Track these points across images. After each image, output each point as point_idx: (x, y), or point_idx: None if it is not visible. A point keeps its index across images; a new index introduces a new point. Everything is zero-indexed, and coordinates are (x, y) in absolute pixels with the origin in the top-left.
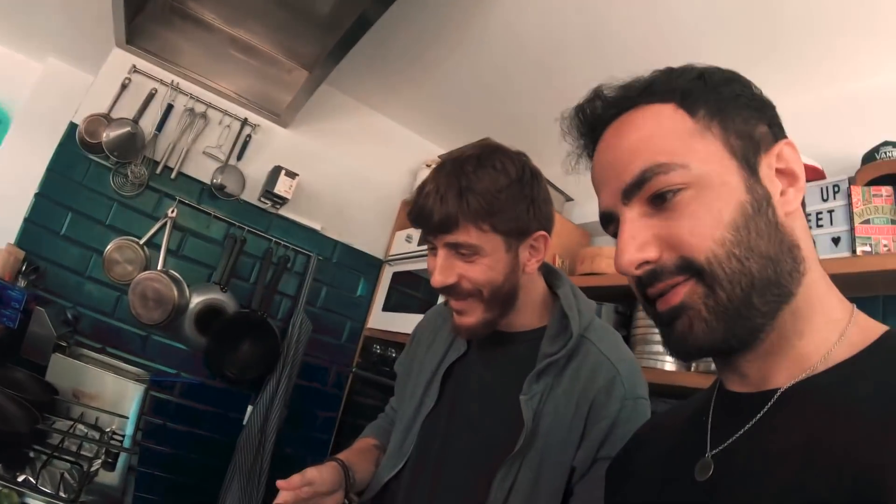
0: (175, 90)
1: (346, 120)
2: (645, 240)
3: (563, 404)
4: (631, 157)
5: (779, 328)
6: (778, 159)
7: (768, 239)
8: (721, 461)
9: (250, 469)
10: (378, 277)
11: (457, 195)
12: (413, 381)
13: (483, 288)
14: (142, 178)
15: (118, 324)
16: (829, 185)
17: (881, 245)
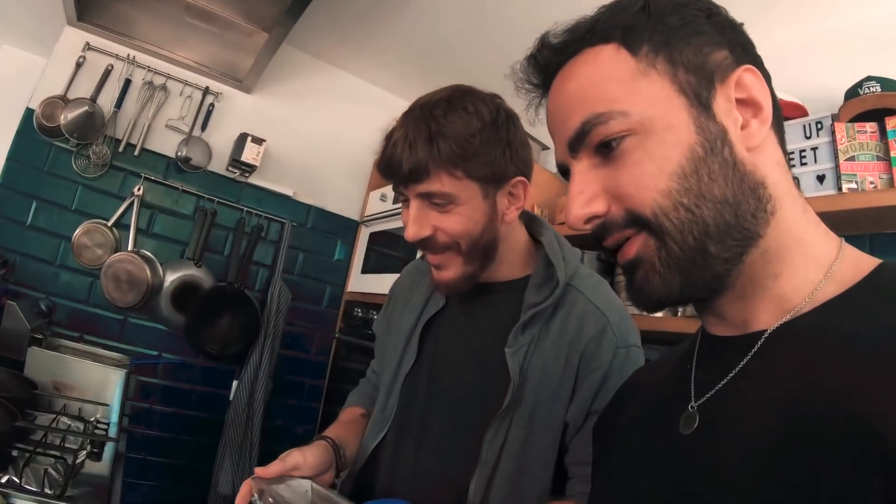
0: (132, 64)
1: (311, 81)
2: (593, 193)
3: (552, 356)
4: (571, 109)
5: (749, 271)
6: (737, 88)
7: (724, 181)
8: (706, 412)
9: (241, 444)
10: (355, 240)
11: (426, 141)
12: (392, 341)
13: (460, 240)
14: (105, 158)
15: (94, 310)
16: (811, 122)
17: (867, 182)
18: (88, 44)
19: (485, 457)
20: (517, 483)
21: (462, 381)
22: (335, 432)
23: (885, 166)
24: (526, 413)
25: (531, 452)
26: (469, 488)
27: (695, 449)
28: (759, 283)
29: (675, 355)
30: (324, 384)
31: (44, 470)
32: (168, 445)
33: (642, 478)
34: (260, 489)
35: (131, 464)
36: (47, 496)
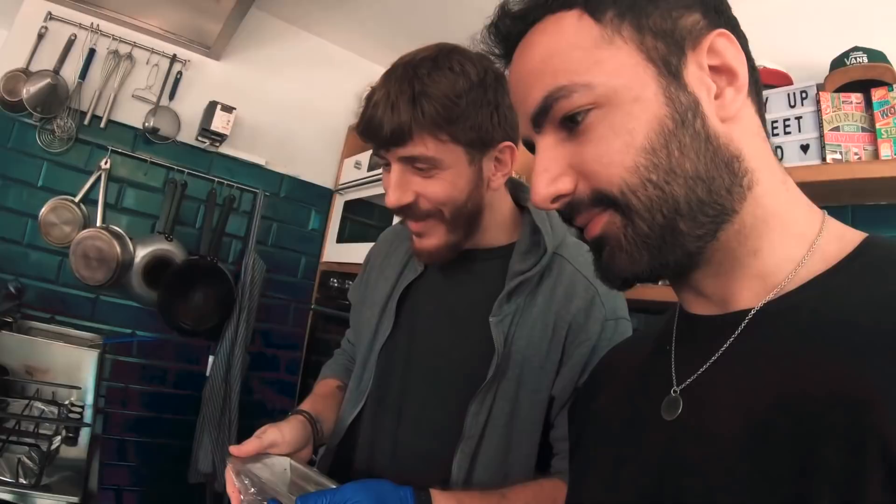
0: (96, 33)
1: (282, 46)
2: (558, 171)
3: (538, 327)
4: (532, 82)
5: (725, 248)
6: (710, 55)
7: (696, 155)
8: (690, 397)
9: (219, 420)
10: (329, 208)
11: (409, 102)
12: (368, 310)
13: (443, 207)
14: (70, 132)
15: (64, 290)
16: (796, 90)
17: (851, 153)
18: (50, 13)
19: (468, 431)
20: (502, 458)
21: (442, 352)
22: (311, 406)
23: (869, 138)
24: (511, 386)
25: (516, 426)
26: (452, 464)
27: (679, 435)
28: (738, 260)
29: (650, 335)
30: (301, 357)
31: (17, 459)
32: (146, 425)
33: (625, 466)
34: (236, 470)
35: (109, 445)
36: (22, 486)
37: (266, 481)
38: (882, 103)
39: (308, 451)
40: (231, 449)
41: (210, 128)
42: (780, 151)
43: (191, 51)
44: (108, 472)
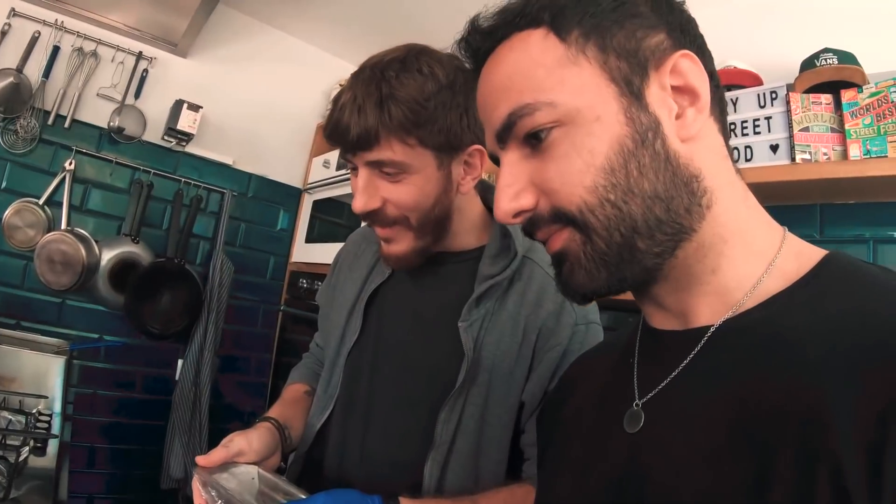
0: (60, 30)
1: (250, 43)
2: (521, 186)
3: (508, 331)
4: (498, 99)
5: (683, 265)
6: (673, 75)
7: (655, 175)
8: (651, 410)
9: (189, 425)
10: (298, 208)
11: (377, 105)
12: (336, 313)
13: (410, 214)
14: (33, 132)
15: (29, 294)
16: (766, 91)
17: (820, 153)
18: (14, 9)
19: (439, 438)
20: (473, 464)
21: (411, 357)
22: (279, 413)
23: (839, 138)
24: (481, 391)
25: (487, 432)
26: (423, 470)
27: (641, 448)
28: (697, 277)
29: (615, 347)
30: (271, 358)
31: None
32: (115, 431)
33: (589, 477)
34: (203, 481)
35: (78, 453)
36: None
37: (233, 492)
38: (851, 104)
39: (276, 459)
40: (197, 459)
41: (176, 127)
42: (749, 151)
43: (157, 48)
44: (79, 480)
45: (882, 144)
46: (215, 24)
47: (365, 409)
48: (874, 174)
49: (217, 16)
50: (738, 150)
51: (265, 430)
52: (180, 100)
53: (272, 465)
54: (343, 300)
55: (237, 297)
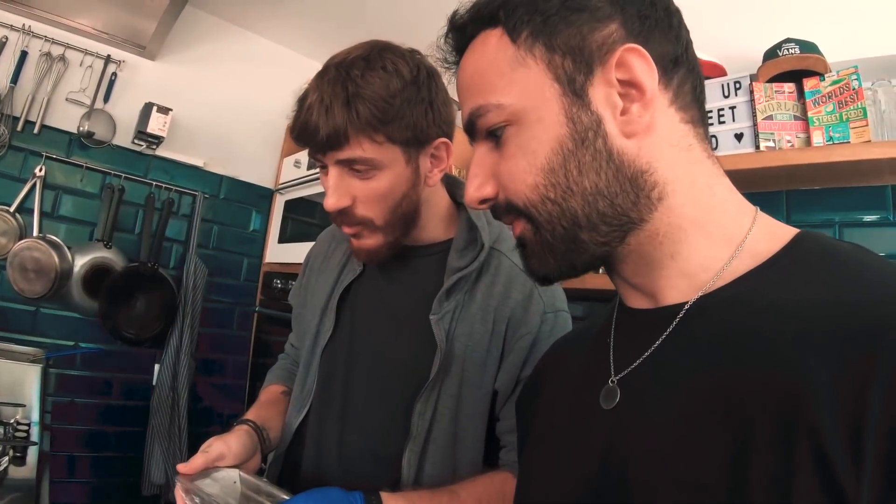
0: (27, 34)
1: (219, 44)
2: (485, 177)
3: (479, 322)
4: (464, 98)
5: (638, 251)
6: (619, 70)
7: (596, 173)
8: (627, 386)
9: (168, 429)
10: (270, 209)
11: (344, 105)
12: (309, 312)
13: (376, 215)
14: (2, 139)
15: (2, 303)
16: (730, 81)
17: (784, 141)
18: None
19: (416, 429)
20: (450, 454)
21: (384, 351)
22: (256, 414)
23: (802, 126)
24: (454, 382)
25: (462, 422)
26: (402, 463)
27: (617, 423)
28: (656, 262)
29: (592, 329)
30: (248, 360)
31: None
32: (95, 439)
33: (569, 455)
34: (185, 488)
35: (58, 462)
36: None
37: (216, 497)
38: (814, 92)
39: (256, 461)
40: (178, 467)
41: (146, 130)
42: (715, 141)
43: (125, 51)
44: (60, 490)
45: (844, 131)
46: (184, 26)
47: (341, 405)
48: (837, 160)
49: (185, 17)
50: None
51: (243, 433)
52: (150, 103)
53: (252, 467)
54: (316, 299)
55: (212, 299)
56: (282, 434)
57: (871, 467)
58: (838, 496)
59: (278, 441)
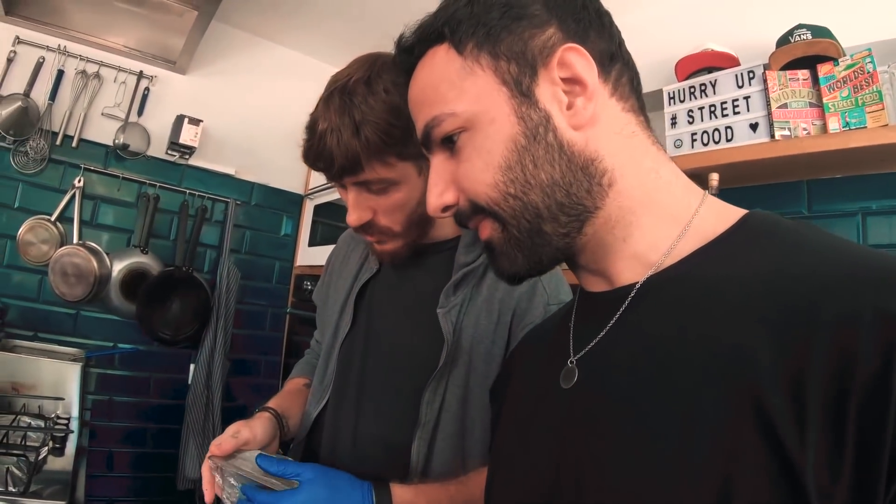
0: (63, 54)
1: (245, 56)
2: (444, 185)
3: (485, 315)
4: (416, 112)
5: (594, 239)
6: (560, 69)
7: (551, 165)
8: (584, 366)
9: (203, 427)
10: (300, 214)
11: (353, 134)
12: (329, 309)
13: (395, 224)
14: (43, 153)
15: (45, 307)
16: (743, 71)
17: (800, 129)
18: (18, 37)
19: (424, 418)
20: (458, 443)
21: (397, 344)
22: (277, 403)
23: (817, 113)
24: (462, 373)
25: (470, 412)
26: (411, 449)
27: (575, 401)
28: (610, 246)
29: (558, 315)
30: (280, 360)
31: (6, 469)
32: (132, 435)
33: (532, 435)
34: (219, 467)
35: (97, 457)
36: (11, 494)
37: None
38: (828, 78)
39: (275, 446)
40: (212, 449)
41: (179, 141)
42: (730, 132)
43: (156, 66)
44: (99, 484)
45: (861, 116)
46: (210, 41)
47: (356, 395)
48: (854, 146)
49: (212, 32)
50: (719, 131)
51: (266, 420)
52: (181, 115)
53: (272, 451)
54: (336, 297)
55: (245, 302)
56: (302, 422)
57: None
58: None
59: (297, 429)
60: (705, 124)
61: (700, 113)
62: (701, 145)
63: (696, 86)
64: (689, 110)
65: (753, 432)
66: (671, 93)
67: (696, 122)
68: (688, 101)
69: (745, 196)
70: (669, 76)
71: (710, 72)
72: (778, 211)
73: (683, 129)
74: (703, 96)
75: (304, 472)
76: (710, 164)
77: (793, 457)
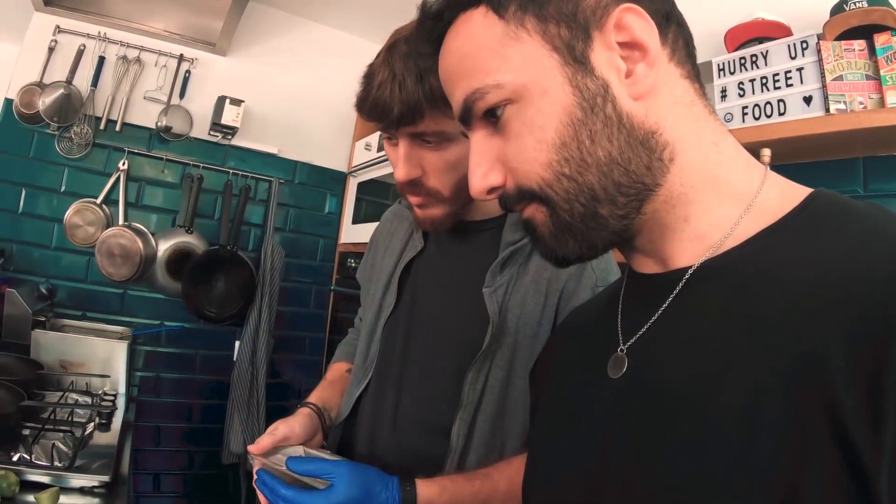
0: (104, 41)
1: (285, 36)
2: (489, 165)
3: (532, 295)
4: (454, 84)
5: (652, 219)
6: (617, 32)
7: (609, 140)
8: (634, 354)
9: (248, 402)
10: (344, 191)
11: (417, 80)
12: (373, 287)
13: (444, 188)
14: (87, 138)
15: (93, 287)
16: (796, 41)
17: (857, 102)
18: (58, 27)
19: (466, 399)
20: (499, 425)
21: (441, 323)
22: (318, 396)
23: (874, 85)
24: (506, 354)
25: (513, 393)
26: (451, 431)
27: (624, 394)
28: (669, 226)
29: (605, 296)
30: (325, 337)
31: (52, 444)
32: (178, 411)
33: (576, 424)
34: (261, 462)
35: (144, 432)
36: (57, 469)
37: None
38: (886, 49)
39: (318, 440)
40: (250, 448)
41: (221, 122)
42: (782, 105)
43: (196, 49)
44: (147, 457)
45: None
46: (249, 22)
47: (398, 375)
48: None
49: (250, 13)
50: (771, 105)
51: (305, 416)
52: (223, 96)
53: (316, 444)
54: (380, 275)
55: (289, 279)
56: (343, 403)
57: (892, 435)
58: (855, 464)
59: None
60: (757, 97)
61: (751, 85)
62: (752, 119)
63: (747, 57)
64: (740, 83)
65: (824, 437)
66: (721, 64)
67: (746, 94)
68: (738, 73)
69: (798, 173)
70: (719, 47)
71: (762, 42)
72: (832, 189)
73: (734, 102)
74: (755, 68)
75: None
76: (761, 139)
77: (866, 464)
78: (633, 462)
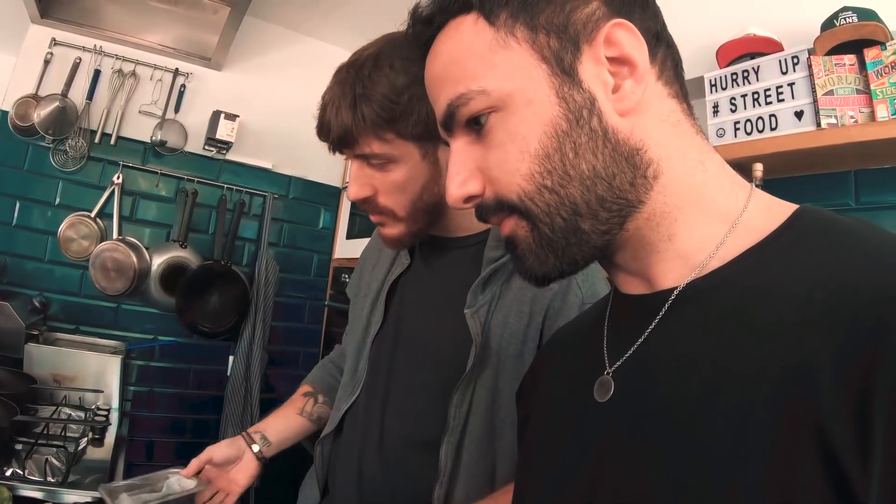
0: (99, 54)
1: (279, 51)
2: (468, 173)
3: (514, 314)
4: (438, 89)
5: (635, 236)
6: (607, 46)
7: (593, 154)
8: (621, 378)
9: (241, 417)
10: (338, 206)
11: (350, 107)
12: (361, 303)
13: (397, 206)
14: (82, 151)
15: (86, 301)
16: (787, 56)
17: (847, 117)
18: (54, 39)
19: (453, 422)
20: (487, 445)
21: (424, 341)
22: (263, 421)
23: (865, 100)
24: (491, 375)
25: (500, 414)
26: (440, 452)
27: (611, 418)
28: (653, 245)
29: (590, 315)
30: (319, 352)
31: (45, 459)
32: (172, 425)
33: (563, 448)
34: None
35: (137, 446)
36: (50, 484)
37: None
38: (876, 63)
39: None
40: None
41: (216, 136)
42: (774, 120)
43: (192, 63)
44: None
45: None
46: (244, 37)
47: (384, 392)
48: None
49: (245, 28)
50: (763, 120)
51: (231, 440)
52: (217, 110)
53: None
54: (367, 291)
55: (284, 294)
56: (331, 416)
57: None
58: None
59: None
60: (748, 112)
61: (743, 101)
62: (744, 134)
63: (739, 72)
64: (732, 98)
65: (813, 460)
66: (713, 80)
67: (738, 110)
68: (730, 89)
69: (790, 187)
70: (710, 63)
71: (753, 58)
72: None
73: (726, 117)
74: (746, 83)
75: None
76: (753, 154)
77: (856, 490)
78: (621, 488)
